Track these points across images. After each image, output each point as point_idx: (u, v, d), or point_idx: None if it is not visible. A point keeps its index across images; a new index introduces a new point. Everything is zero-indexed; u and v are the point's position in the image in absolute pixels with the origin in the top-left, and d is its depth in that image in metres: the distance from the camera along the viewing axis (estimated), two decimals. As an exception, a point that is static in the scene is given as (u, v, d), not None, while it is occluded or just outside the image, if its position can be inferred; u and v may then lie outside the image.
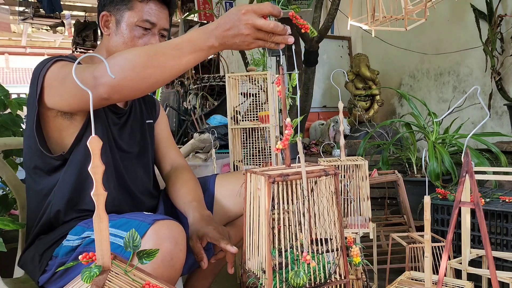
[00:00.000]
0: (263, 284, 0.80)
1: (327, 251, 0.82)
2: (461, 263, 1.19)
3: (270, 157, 1.93)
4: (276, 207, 0.78)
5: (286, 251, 0.79)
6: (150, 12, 1.20)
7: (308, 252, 0.79)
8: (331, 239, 0.83)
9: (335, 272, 0.83)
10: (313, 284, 0.79)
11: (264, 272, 0.80)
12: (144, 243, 0.88)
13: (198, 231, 1.09)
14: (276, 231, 0.79)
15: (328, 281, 0.82)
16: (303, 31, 0.94)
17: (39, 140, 1.09)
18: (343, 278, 0.84)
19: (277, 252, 0.79)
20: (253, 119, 1.87)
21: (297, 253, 0.81)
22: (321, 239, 0.82)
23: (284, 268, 0.78)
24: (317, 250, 0.81)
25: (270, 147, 1.91)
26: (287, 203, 0.79)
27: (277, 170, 0.84)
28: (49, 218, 1.12)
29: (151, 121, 1.39)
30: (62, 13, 5.67)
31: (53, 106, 1.06)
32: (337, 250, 0.83)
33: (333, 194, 0.84)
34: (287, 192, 0.79)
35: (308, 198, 0.80)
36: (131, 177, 1.25)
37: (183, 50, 0.93)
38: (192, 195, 1.26)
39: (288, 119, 0.84)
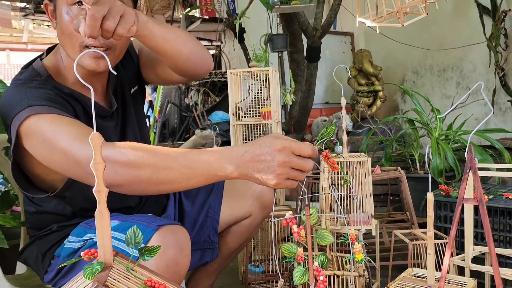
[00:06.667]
0: None
1: None
2: (464, 260, 1.18)
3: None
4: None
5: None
6: None
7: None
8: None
9: None
10: None
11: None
12: None
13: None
14: None
15: None
16: (331, 169, 0.87)
17: (20, 184, 0.99)
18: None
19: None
20: (255, 115, 1.86)
21: None
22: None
23: None
24: None
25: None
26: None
27: None
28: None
29: (136, 87, 1.23)
30: (63, 9, 5.66)
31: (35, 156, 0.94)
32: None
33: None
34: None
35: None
36: None
37: (196, 170, 0.82)
38: None
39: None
